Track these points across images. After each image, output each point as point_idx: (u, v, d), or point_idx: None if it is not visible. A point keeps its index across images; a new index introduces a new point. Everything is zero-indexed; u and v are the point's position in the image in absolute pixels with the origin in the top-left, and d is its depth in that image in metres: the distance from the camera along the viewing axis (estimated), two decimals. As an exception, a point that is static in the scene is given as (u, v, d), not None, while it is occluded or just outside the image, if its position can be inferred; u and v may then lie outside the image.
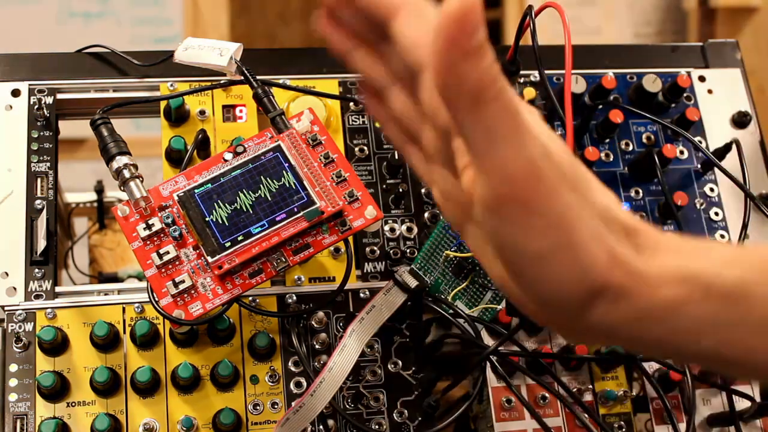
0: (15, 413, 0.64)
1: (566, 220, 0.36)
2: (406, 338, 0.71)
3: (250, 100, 0.74)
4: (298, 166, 0.64)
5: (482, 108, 0.33)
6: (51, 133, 0.73)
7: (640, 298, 0.37)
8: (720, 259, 0.39)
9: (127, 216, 0.63)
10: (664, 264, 0.38)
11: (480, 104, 0.33)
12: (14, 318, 0.66)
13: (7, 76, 0.74)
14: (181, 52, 0.70)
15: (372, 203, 0.64)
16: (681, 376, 0.71)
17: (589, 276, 0.36)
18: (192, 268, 0.62)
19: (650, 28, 2.52)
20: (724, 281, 0.38)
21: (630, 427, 0.72)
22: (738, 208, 0.80)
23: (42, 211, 0.70)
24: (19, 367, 0.65)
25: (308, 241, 0.63)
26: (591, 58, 0.85)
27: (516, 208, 0.35)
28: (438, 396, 0.70)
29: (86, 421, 0.64)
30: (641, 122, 0.82)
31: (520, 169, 0.34)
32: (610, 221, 0.38)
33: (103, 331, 0.65)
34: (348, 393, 0.69)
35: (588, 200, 0.37)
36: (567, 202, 0.36)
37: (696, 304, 0.37)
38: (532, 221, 0.35)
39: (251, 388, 0.67)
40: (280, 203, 0.63)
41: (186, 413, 0.66)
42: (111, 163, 0.64)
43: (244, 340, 0.68)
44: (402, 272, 0.67)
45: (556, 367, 0.72)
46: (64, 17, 2.15)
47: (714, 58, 0.87)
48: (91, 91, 0.76)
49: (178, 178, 0.65)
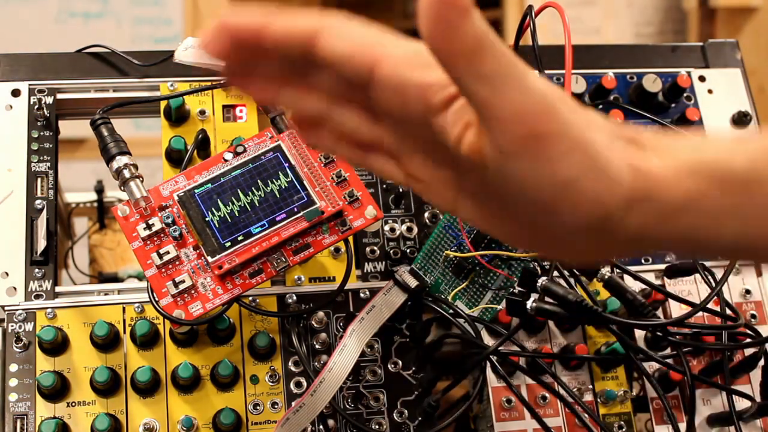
0: (15, 413, 0.64)
1: (584, 140, 0.37)
2: (406, 338, 0.71)
3: (250, 100, 0.74)
4: (298, 166, 0.64)
5: (481, 59, 0.35)
6: (51, 133, 0.73)
7: (661, 196, 0.38)
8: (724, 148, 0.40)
9: (128, 216, 0.63)
10: (675, 160, 0.39)
11: (479, 57, 0.35)
12: (14, 318, 0.66)
13: (7, 76, 0.74)
14: (181, 52, 0.70)
15: (372, 203, 0.64)
16: (681, 376, 0.71)
17: (616, 188, 0.37)
18: (192, 268, 0.62)
19: (650, 28, 2.52)
20: (736, 167, 0.39)
21: (630, 427, 0.72)
22: (738, 208, 0.79)
23: (42, 211, 0.70)
24: (19, 367, 0.65)
25: (308, 241, 0.63)
26: (591, 58, 0.85)
27: (537, 141, 0.36)
28: (438, 396, 0.70)
29: (86, 421, 0.64)
30: (641, 122, 0.82)
31: (531, 104, 0.36)
32: (617, 135, 0.39)
33: (103, 331, 0.65)
34: (348, 393, 0.69)
35: (593, 121, 0.38)
36: (579, 125, 0.37)
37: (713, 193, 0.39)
38: (555, 150, 0.36)
39: (251, 388, 0.67)
40: (280, 203, 0.63)
41: (186, 413, 0.66)
42: (111, 163, 0.64)
43: (244, 340, 0.68)
44: (402, 272, 0.67)
45: (556, 367, 0.72)
46: (64, 17, 2.15)
47: (714, 58, 0.86)
48: (91, 91, 0.76)
49: (178, 178, 0.65)
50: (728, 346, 0.71)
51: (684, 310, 0.72)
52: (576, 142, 0.37)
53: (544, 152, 0.36)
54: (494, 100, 0.35)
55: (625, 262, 0.74)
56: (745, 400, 0.72)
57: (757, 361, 0.72)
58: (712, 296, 0.69)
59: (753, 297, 0.78)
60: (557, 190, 0.37)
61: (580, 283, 0.69)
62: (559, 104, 0.37)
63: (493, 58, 0.35)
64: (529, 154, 0.36)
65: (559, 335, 0.74)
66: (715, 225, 0.39)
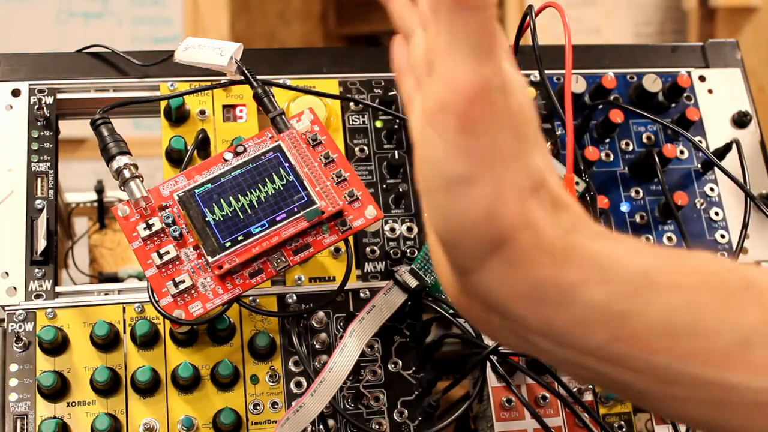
0: (15, 413, 0.64)
1: (495, 156, 0.35)
2: (406, 338, 0.71)
3: (250, 100, 0.74)
4: (299, 165, 0.64)
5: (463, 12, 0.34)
6: (51, 133, 0.73)
7: (538, 270, 0.36)
8: (631, 247, 0.38)
9: (128, 216, 0.63)
10: (576, 245, 0.36)
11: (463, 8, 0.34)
12: (14, 318, 0.66)
13: (7, 76, 0.74)
14: (181, 52, 0.70)
15: (372, 203, 0.64)
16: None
17: (495, 223, 0.35)
18: (192, 267, 0.62)
19: (650, 28, 2.52)
20: (626, 267, 0.36)
21: (630, 427, 0.72)
22: (738, 208, 0.80)
23: (42, 211, 0.70)
24: (19, 367, 0.65)
25: (308, 240, 0.63)
26: (591, 58, 0.85)
27: (452, 121, 0.35)
28: (438, 396, 0.70)
29: (86, 421, 0.64)
30: (641, 122, 0.82)
31: (471, 84, 0.34)
32: (539, 186, 0.37)
33: (104, 330, 0.65)
34: (348, 393, 0.69)
35: (524, 155, 0.36)
36: (503, 142, 0.35)
37: (594, 286, 0.36)
38: (461, 141, 0.35)
39: (251, 387, 0.67)
40: (280, 203, 0.63)
41: (186, 413, 0.66)
42: (111, 163, 0.64)
43: (244, 340, 0.69)
44: (402, 272, 0.67)
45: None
46: (64, 17, 2.15)
47: (714, 58, 0.87)
48: (91, 91, 0.76)
49: (179, 177, 0.65)
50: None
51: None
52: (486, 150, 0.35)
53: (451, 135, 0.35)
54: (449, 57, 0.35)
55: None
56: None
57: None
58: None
59: (753, 297, 0.78)
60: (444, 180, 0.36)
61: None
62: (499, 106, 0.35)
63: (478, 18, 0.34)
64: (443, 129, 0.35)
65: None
66: (588, 323, 0.36)
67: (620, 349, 0.36)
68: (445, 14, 0.34)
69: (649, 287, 0.36)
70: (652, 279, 0.36)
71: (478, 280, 0.37)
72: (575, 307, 0.36)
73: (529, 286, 0.36)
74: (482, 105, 0.35)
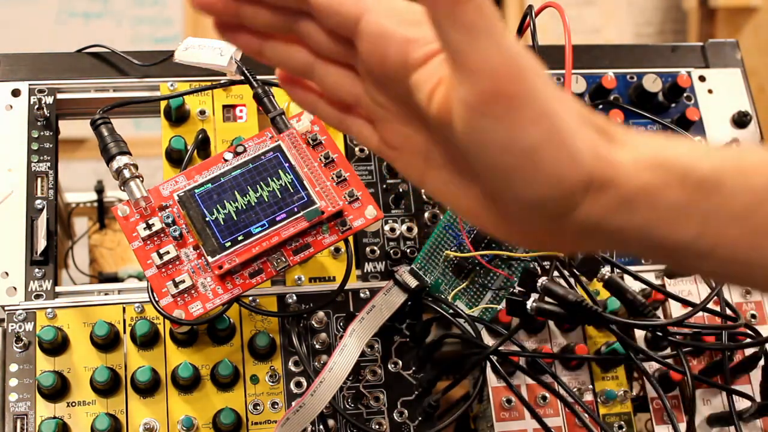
0: (15, 413, 0.64)
1: (552, 112, 0.37)
2: (406, 338, 0.71)
3: (250, 100, 0.74)
4: (299, 166, 0.64)
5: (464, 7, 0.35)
6: (51, 133, 0.73)
7: (621, 185, 0.38)
8: (695, 150, 0.40)
9: (128, 216, 0.63)
10: (640, 153, 0.39)
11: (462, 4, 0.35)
12: (14, 318, 0.66)
13: (7, 76, 0.74)
14: (181, 52, 0.70)
15: (372, 203, 0.64)
16: (681, 376, 0.71)
17: (577, 167, 0.37)
18: (192, 267, 0.62)
19: (650, 28, 2.52)
20: (699, 169, 0.39)
21: (630, 427, 0.72)
22: (738, 208, 0.79)
23: (42, 211, 0.70)
24: (19, 367, 0.65)
25: (308, 241, 0.63)
26: (591, 58, 0.85)
27: (503, 102, 0.36)
28: (438, 396, 0.70)
29: (86, 420, 0.64)
30: (641, 122, 0.82)
31: (503, 63, 0.36)
32: (587, 120, 0.39)
33: (104, 331, 0.65)
34: (348, 393, 0.69)
35: (565, 100, 0.39)
36: (549, 95, 0.37)
37: (673, 189, 0.38)
38: (520, 114, 0.36)
39: (251, 387, 0.67)
40: (280, 203, 0.63)
41: (186, 413, 0.66)
42: (111, 163, 0.64)
43: (244, 340, 0.69)
44: (402, 272, 0.67)
45: (556, 367, 0.72)
46: (64, 17, 2.15)
47: (714, 58, 0.87)
48: (91, 91, 0.76)
49: (179, 177, 0.65)
50: (728, 346, 0.71)
51: (684, 310, 0.72)
52: (543, 111, 0.37)
53: (508, 114, 0.36)
54: (468, 50, 0.36)
55: (625, 262, 0.74)
56: (745, 400, 0.72)
57: (757, 361, 0.72)
58: (712, 296, 0.69)
59: (753, 297, 0.78)
60: (517, 156, 0.37)
61: (580, 283, 0.69)
62: (531, 71, 0.37)
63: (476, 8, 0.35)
64: (494, 113, 0.36)
65: (559, 335, 0.74)
66: (671, 222, 0.39)
67: (701, 242, 0.39)
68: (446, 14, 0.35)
69: (720, 187, 0.39)
70: (724, 180, 0.39)
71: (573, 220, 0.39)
72: (659, 206, 0.39)
73: (618, 200, 0.39)
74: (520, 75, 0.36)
